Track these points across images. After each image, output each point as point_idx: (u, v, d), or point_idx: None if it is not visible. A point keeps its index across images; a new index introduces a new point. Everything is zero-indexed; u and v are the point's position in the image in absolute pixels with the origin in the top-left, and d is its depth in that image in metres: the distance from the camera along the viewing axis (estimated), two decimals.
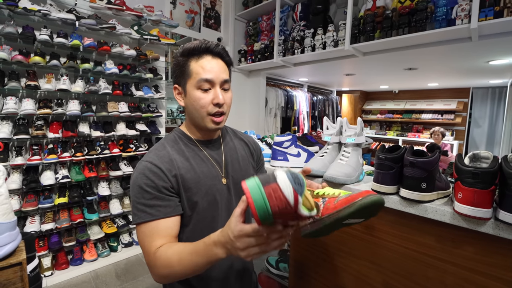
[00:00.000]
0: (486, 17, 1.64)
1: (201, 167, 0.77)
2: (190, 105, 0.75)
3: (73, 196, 2.04)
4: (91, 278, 2.03)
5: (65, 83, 1.98)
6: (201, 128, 0.78)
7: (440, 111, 5.26)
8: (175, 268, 0.60)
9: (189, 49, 0.73)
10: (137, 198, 0.68)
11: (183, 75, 0.74)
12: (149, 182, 0.68)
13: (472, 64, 2.81)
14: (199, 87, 0.72)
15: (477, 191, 0.59)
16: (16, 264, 0.62)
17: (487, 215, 0.59)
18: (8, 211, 0.63)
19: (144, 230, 0.67)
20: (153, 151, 0.75)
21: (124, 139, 2.36)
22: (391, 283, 0.83)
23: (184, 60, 0.74)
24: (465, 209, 0.61)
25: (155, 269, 0.63)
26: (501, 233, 0.61)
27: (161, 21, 2.46)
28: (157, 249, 0.64)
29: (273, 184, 0.42)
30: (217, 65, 0.74)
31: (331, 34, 2.37)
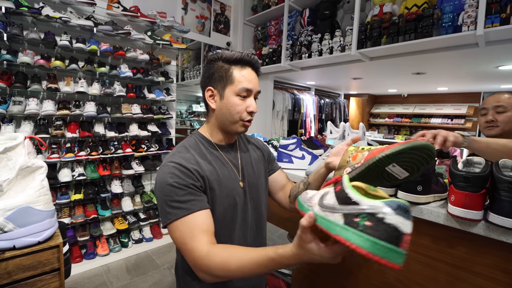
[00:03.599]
0: (493, 23, 1.66)
1: (222, 170, 0.80)
2: (226, 109, 0.79)
3: (88, 193, 2.14)
4: (103, 271, 2.12)
5: (82, 86, 2.09)
6: (229, 131, 0.82)
7: (450, 115, 5.20)
8: (232, 273, 0.60)
9: (235, 58, 0.78)
10: (170, 197, 0.68)
11: (223, 80, 0.78)
12: (181, 181, 0.70)
13: (481, 69, 2.79)
14: (238, 94, 0.78)
15: (468, 194, 0.63)
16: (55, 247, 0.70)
17: (477, 216, 0.63)
18: (49, 201, 0.72)
19: (182, 226, 0.67)
20: (176, 154, 0.76)
21: (137, 140, 2.45)
22: (390, 281, 0.87)
23: (226, 66, 0.78)
24: (457, 211, 0.65)
25: (208, 269, 0.61)
26: (492, 234, 0.64)
27: (173, 26, 2.55)
28: (209, 249, 0.62)
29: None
30: (255, 77, 0.82)
31: (338, 39, 2.42)
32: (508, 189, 0.59)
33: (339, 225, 0.43)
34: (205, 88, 0.82)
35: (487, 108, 1.24)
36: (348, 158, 0.68)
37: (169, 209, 0.68)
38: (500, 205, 0.61)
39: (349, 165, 0.66)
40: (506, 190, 0.59)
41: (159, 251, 2.46)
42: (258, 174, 0.91)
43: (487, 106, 1.25)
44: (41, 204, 0.69)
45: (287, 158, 1.20)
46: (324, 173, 0.83)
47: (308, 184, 0.86)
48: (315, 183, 0.84)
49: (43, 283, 0.69)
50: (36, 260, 0.68)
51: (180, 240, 0.67)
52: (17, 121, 1.95)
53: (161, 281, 2.03)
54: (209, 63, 0.81)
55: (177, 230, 0.67)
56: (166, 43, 2.48)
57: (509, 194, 0.59)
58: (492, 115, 1.21)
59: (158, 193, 0.71)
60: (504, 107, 1.18)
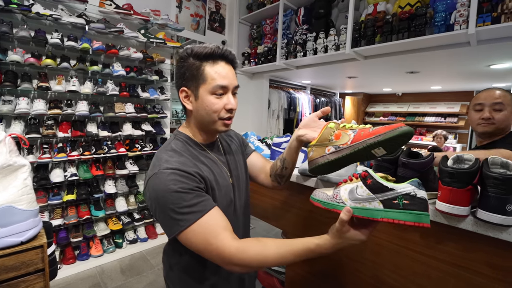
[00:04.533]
0: (484, 22, 1.67)
1: (215, 169, 0.79)
2: (202, 109, 0.74)
3: (80, 194, 2.11)
4: (97, 273, 2.10)
5: (74, 85, 2.06)
6: (210, 131, 0.80)
7: (443, 114, 5.26)
8: (269, 264, 0.64)
9: (205, 53, 0.72)
10: (178, 204, 0.65)
11: (196, 78, 0.73)
12: (185, 185, 0.66)
13: (473, 68, 2.82)
14: (213, 92, 0.73)
15: (453, 189, 0.64)
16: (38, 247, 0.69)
17: (463, 212, 0.64)
18: (32, 200, 0.71)
19: (200, 229, 0.64)
20: (170, 160, 0.71)
21: (130, 139, 2.43)
22: (381, 277, 0.88)
23: (197, 63, 0.73)
24: (442, 206, 0.66)
25: (243, 262, 0.63)
26: (479, 229, 0.65)
27: (167, 24, 2.53)
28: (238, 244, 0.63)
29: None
30: (230, 71, 0.76)
31: (332, 38, 2.42)
32: (494, 185, 0.59)
33: (380, 210, 0.56)
34: (179, 89, 0.77)
35: (484, 104, 1.19)
36: (330, 137, 0.72)
37: (179, 216, 0.65)
38: (487, 201, 0.62)
39: (331, 144, 0.71)
40: (492, 186, 0.60)
41: (154, 251, 2.45)
42: (240, 165, 0.90)
43: (483, 102, 1.19)
44: (24, 203, 0.68)
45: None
46: (296, 146, 0.85)
47: (284, 160, 0.89)
48: (289, 157, 0.88)
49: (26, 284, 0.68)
50: (19, 261, 0.67)
51: (203, 241, 0.64)
52: (7, 121, 1.92)
53: (156, 282, 2.02)
54: (180, 61, 0.76)
55: (195, 235, 0.64)
56: (160, 42, 2.46)
57: (495, 190, 0.59)
58: (490, 112, 1.17)
59: (161, 203, 0.66)
60: (502, 104, 1.15)
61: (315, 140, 0.76)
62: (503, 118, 1.16)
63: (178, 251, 0.80)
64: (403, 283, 0.83)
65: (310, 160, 0.76)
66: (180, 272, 0.81)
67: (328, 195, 0.65)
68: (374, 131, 0.64)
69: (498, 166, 0.68)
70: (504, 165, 0.65)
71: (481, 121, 1.20)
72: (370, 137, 0.63)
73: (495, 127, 1.18)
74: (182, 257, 0.80)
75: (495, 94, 1.18)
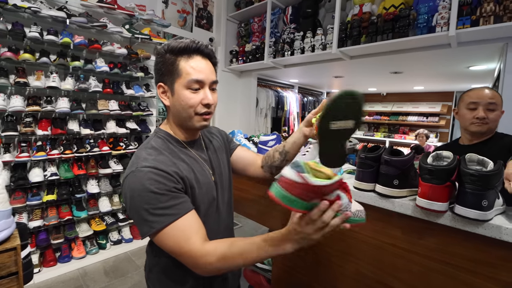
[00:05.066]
0: (464, 25, 1.73)
1: (196, 168, 0.77)
2: (178, 104, 0.73)
3: (61, 194, 2.04)
4: (79, 275, 2.04)
5: (54, 81, 1.98)
6: (188, 127, 0.78)
7: (425, 113, 5.42)
8: (235, 262, 0.63)
9: (179, 47, 0.72)
10: (152, 205, 0.63)
11: (171, 74, 0.73)
12: (162, 186, 0.65)
13: (454, 69, 2.93)
14: (188, 87, 0.72)
15: (432, 186, 0.66)
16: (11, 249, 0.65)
17: (442, 208, 0.66)
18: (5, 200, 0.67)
19: (173, 232, 0.64)
20: (149, 158, 0.69)
21: (114, 137, 2.37)
22: (363, 272, 0.90)
23: (172, 58, 0.72)
24: (422, 202, 0.68)
25: (209, 265, 0.63)
26: (457, 224, 0.67)
27: (153, 20, 2.48)
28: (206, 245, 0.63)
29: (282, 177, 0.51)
30: (206, 66, 0.74)
31: (319, 37, 2.45)
32: (470, 181, 0.61)
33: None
34: (156, 85, 0.77)
35: (479, 103, 1.16)
36: (314, 131, 0.76)
37: (152, 218, 0.63)
38: (464, 197, 0.64)
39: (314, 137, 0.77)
40: (469, 182, 0.62)
41: (140, 251, 2.40)
42: (223, 162, 0.89)
43: (478, 101, 1.17)
44: None
45: None
46: (302, 142, 0.86)
47: (286, 153, 0.88)
48: (293, 151, 0.87)
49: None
50: None
51: (174, 245, 0.64)
52: None
53: (141, 282, 1.98)
54: (157, 57, 0.75)
55: (168, 237, 0.64)
56: (146, 37, 2.40)
57: (472, 186, 0.61)
58: (484, 111, 1.15)
59: (136, 202, 0.65)
60: (495, 105, 1.15)
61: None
62: (496, 118, 1.16)
63: (156, 252, 0.79)
64: (385, 277, 0.85)
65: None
66: (159, 274, 0.80)
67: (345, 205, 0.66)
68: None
69: (475, 163, 0.71)
70: (480, 162, 0.68)
71: (475, 120, 1.17)
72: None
73: (488, 127, 1.17)
74: (160, 258, 0.78)
75: (490, 94, 1.17)
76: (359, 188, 0.86)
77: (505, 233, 0.60)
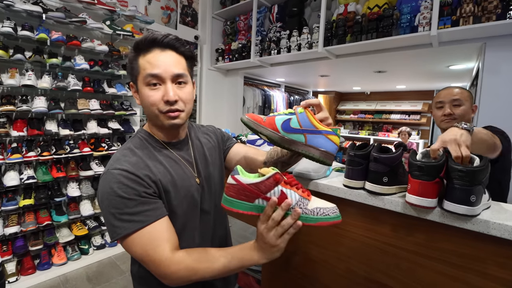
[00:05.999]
0: (445, 25, 1.78)
1: (175, 170, 0.73)
2: (143, 103, 0.70)
3: (39, 198, 1.94)
4: (60, 282, 1.95)
5: (30, 79, 1.88)
6: (160, 127, 0.73)
7: (407, 112, 5.60)
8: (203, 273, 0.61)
9: (136, 43, 0.68)
10: (119, 209, 0.61)
11: (134, 71, 0.70)
12: (130, 190, 0.62)
13: (434, 68, 3.02)
14: (147, 83, 0.67)
15: (422, 182, 0.66)
16: None
17: (432, 204, 0.66)
18: None
19: (139, 239, 0.61)
20: (122, 159, 0.66)
21: (96, 138, 2.28)
22: (353, 270, 0.90)
23: (134, 56, 0.69)
24: (412, 199, 0.68)
25: (175, 274, 0.60)
26: (446, 220, 0.68)
27: (135, 16, 2.40)
28: (173, 256, 0.61)
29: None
30: (167, 58, 0.67)
31: (305, 36, 2.45)
32: (458, 177, 0.62)
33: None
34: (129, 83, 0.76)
35: (444, 102, 1.27)
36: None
37: (118, 223, 0.61)
38: (452, 192, 0.65)
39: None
40: (457, 178, 0.62)
41: (124, 256, 2.32)
42: (213, 163, 0.84)
43: (443, 100, 1.27)
44: None
45: None
46: None
47: None
48: None
49: None
50: None
51: (141, 252, 0.61)
52: None
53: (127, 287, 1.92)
54: (129, 55, 0.72)
55: (133, 244, 0.61)
56: (128, 34, 2.32)
57: (460, 182, 0.62)
58: (450, 108, 1.24)
59: (104, 206, 0.62)
60: (460, 100, 1.23)
61: None
62: (463, 113, 1.24)
63: (133, 260, 0.77)
64: (374, 274, 0.86)
65: None
66: (138, 280, 0.77)
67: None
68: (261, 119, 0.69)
69: None
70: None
71: (444, 118, 1.27)
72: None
73: (456, 122, 1.25)
74: (136, 264, 0.76)
75: (453, 91, 1.27)
76: (349, 186, 0.86)
77: (493, 227, 0.61)
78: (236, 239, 2.96)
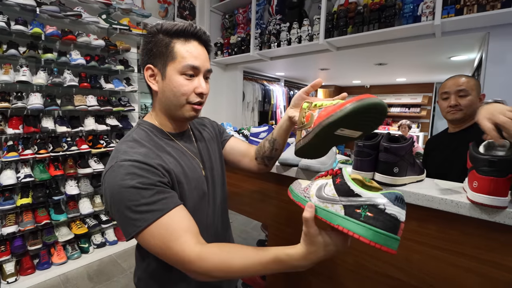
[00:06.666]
0: (448, 14, 1.75)
1: (184, 161, 0.71)
2: (169, 90, 0.67)
3: (37, 196, 1.90)
4: (60, 282, 1.92)
5: (25, 75, 1.83)
6: (176, 117, 0.72)
7: (407, 104, 5.57)
8: (233, 274, 0.55)
9: (176, 29, 0.66)
10: (135, 201, 0.57)
11: (164, 56, 0.67)
12: (145, 180, 0.58)
13: (436, 60, 2.99)
14: (183, 72, 0.66)
15: (494, 179, 0.58)
16: None
17: (505, 203, 0.59)
18: None
19: (159, 230, 0.56)
20: (129, 151, 0.62)
21: (94, 135, 2.24)
22: (362, 262, 0.87)
23: (167, 40, 0.67)
24: (481, 198, 0.60)
25: (204, 270, 0.55)
26: None
27: (132, 10, 2.35)
28: (201, 249, 0.55)
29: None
30: (203, 53, 0.70)
31: (306, 28, 2.40)
32: None
33: (340, 216, 0.46)
34: (144, 66, 0.69)
35: (449, 92, 1.23)
36: (303, 119, 0.65)
37: (136, 215, 0.56)
38: None
39: (304, 127, 0.64)
40: None
41: (126, 253, 2.30)
42: (214, 156, 0.83)
43: (448, 90, 1.23)
44: None
45: None
46: (288, 127, 0.80)
47: (274, 140, 0.84)
48: (280, 137, 0.83)
49: None
50: None
51: (162, 245, 0.56)
52: None
53: (128, 286, 1.90)
54: (147, 37, 0.69)
55: (154, 236, 0.57)
56: (124, 28, 2.27)
57: None
58: (455, 99, 1.20)
59: (116, 200, 0.57)
60: (466, 90, 1.19)
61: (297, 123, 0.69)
62: (469, 103, 1.19)
63: (144, 256, 0.72)
64: (383, 267, 0.83)
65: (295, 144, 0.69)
66: (147, 280, 0.73)
67: (302, 187, 0.59)
68: (333, 108, 0.53)
69: None
70: None
71: (449, 109, 1.23)
72: (325, 118, 0.53)
73: (463, 113, 1.21)
74: (148, 262, 0.71)
75: (459, 81, 1.22)
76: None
77: None
78: (237, 234, 2.95)
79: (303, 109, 0.67)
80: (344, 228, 0.45)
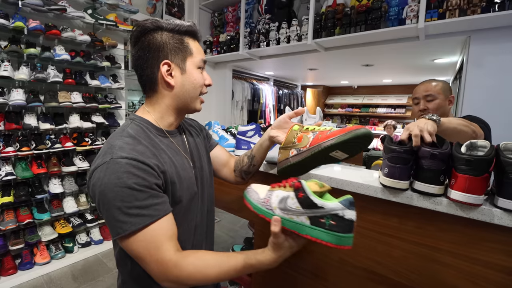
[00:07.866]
0: (432, 18, 1.80)
1: (177, 160, 0.71)
2: (189, 83, 0.71)
3: (19, 195, 1.85)
4: (43, 282, 1.88)
5: (6, 70, 1.78)
6: (189, 110, 0.75)
7: (393, 105, 5.71)
8: (207, 281, 0.58)
9: (186, 28, 0.71)
10: (127, 203, 0.55)
11: (181, 51, 0.70)
12: (141, 181, 0.57)
13: (420, 62, 3.08)
14: (199, 66, 0.73)
15: (470, 177, 0.60)
16: None
17: (479, 201, 0.61)
18: None
19: (144, 236, 0.56)
20: (126, 147, 0.60)
21: (79, 132, 2.19)
22: (345, 259, 0.90)
23: (179, 37, 0.70)
24: (457, 195, 0.62)
25: (178, 279, 0.57)
26: (501, 221, 0.62)
27: (119, 5, 2.30)
28: (178, 258, 0.57)
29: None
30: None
31: (295, 28, 2.43)
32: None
33: (307, 226, 0.54)
34: (160, 62, 0.68)
35: (419, 98, 1.30)
36: (294, 139, 0.72)
37: (125, 218, 0.55)
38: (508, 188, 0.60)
39: (294, 146, 0.71)
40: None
41: (111, 253, 2.26)
42: (203, 156, 0.84)
43: (418, 95, 1.31)
44: None
45: (245, 145, 1.16)
46: (267, 146, 0.84)
47: (253, 157, 0.87)
48: (259, 155, 0.86)
49: None
50: None
51: (143, 251, 0.56)
52: None
53: (114, 286, 1.87)
54: (149, 33, 0.68)
55: (138, 241, 0.56)
56: (111, 24, 2.22)
57: None
58: (424, 104, 1.27)
59: (108, 199, 0.56)
60: (433, 95, 1.25)
61: (283, 142, 0.76)
62: (436, 107, 1.26)
63: (127, 260, 0.69)
64: (365, 263, 0.86)
65: (278, 162, 0.77)
66: (132, 282, 0.71)
67: (260, 198, 0.62)
68: (331, 133, 0.63)
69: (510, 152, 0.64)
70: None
71: (420, 113, 1.30)
72: (325, 140, 0.63)
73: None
74: (131, 264, 0.68)
75: (426, 87, 1.29)
76: (395, 188, 0.73)
77: None
78: (225, 232, 2.95)
79: (294, 131, 0.74)
80: (312, 237, 0.53)
